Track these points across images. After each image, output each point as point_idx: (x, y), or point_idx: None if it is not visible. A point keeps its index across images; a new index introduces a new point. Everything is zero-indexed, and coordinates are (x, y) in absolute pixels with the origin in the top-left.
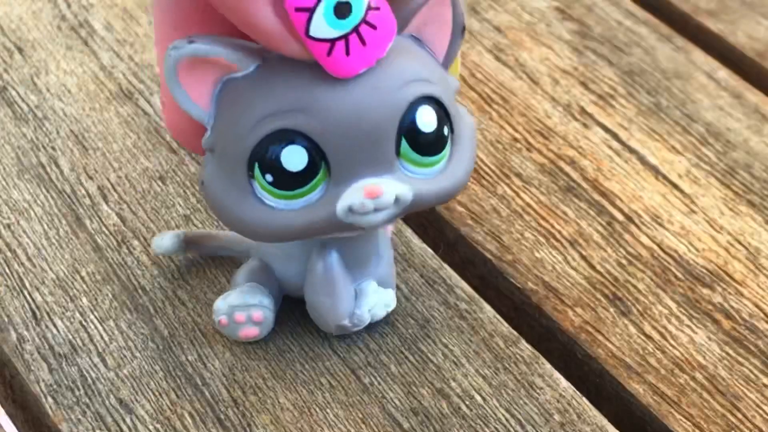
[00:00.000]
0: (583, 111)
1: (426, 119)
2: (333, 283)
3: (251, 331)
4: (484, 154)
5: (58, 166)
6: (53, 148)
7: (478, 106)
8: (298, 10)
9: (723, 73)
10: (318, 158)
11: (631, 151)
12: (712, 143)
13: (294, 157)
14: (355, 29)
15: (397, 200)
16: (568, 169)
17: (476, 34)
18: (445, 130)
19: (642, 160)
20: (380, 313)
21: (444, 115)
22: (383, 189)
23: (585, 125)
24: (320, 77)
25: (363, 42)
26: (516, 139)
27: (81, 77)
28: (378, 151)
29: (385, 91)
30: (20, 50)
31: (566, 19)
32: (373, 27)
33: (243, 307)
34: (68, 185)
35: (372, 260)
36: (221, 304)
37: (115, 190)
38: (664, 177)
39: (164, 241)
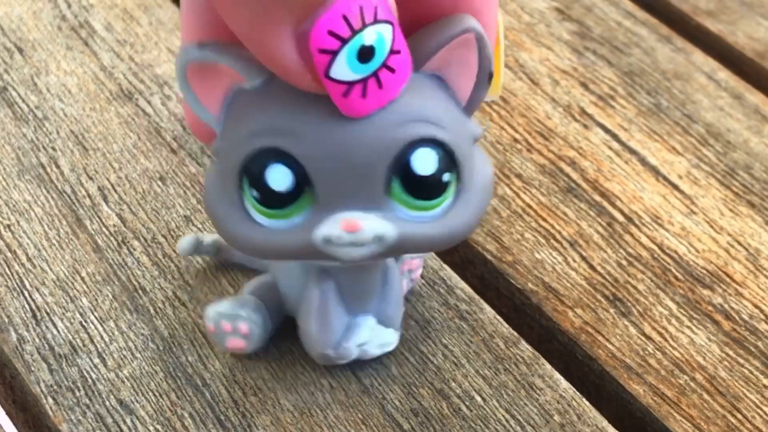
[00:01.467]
0: (583, 112)
1: (423, 162)
2: (324, 311)
3: (237, 343)
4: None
5: (58, 166)
6: (53, 149)
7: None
8: (321, 51)
9: (723, 73)
10: (303, 183)
11: (632, 151)
12: (712, 144)
13: (279, 177)
14: (375, 73)
15: (379, 239)
16: (568, 169)
17: None
18: (446, 177)
19: (642, 160)
20: (373, 351)
21: (449, 161)
22: (361, 225)
23: (585, 126)
24: (319, 103)
25: (380, 85)
26: (516, 140)
27: (81, 77)
28: (366, 186)
29: (381, 128)
30: (20, 50)
31: (566, 19)
32: (392, 71)
33: (230, 316)
34: (68, 186)
35: (373, 297)
36: (210, 310)
37: (115, 191)
38: (665, 178)
39: (191, 242)
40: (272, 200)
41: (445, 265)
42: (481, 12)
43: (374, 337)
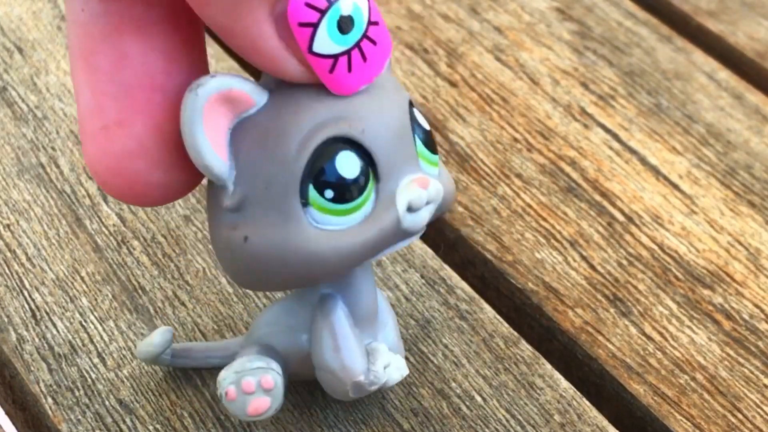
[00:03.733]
0: (583, 111)
1: (421, 118)
2: (343, 337)
3: (262, 403)
4: (484, 154)
5: (58, 166)
6: (53, 148)
7: (479, 107)
8: (301, 25)
9: (723, 73)
10: (365, 162)
11: (632, 151)
12: (712, 144)
13: (348, 163)
14: (357, 45)
15: (438, 192)
16: (568, 169)
17: (476, 35)
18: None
19: (642, 160)
20: (395, 377)
21: None
22: (429, 178)
23: (585, 126)
24: None
25: (364, 58)
26: (516, 140)
27: None
28: (408, 148)
29: (392, 93)
30: (20, 50)
31: (566, 19)
32: (374, 42)
33: (251, 371)
34: (68, 185)
35: (375, 322)
36: (225, 372)
37: None
38: (665, 177)
39: (155, 339)
40: (348, 192)
41: (445, 265)
42: None
43: (392, 359)
